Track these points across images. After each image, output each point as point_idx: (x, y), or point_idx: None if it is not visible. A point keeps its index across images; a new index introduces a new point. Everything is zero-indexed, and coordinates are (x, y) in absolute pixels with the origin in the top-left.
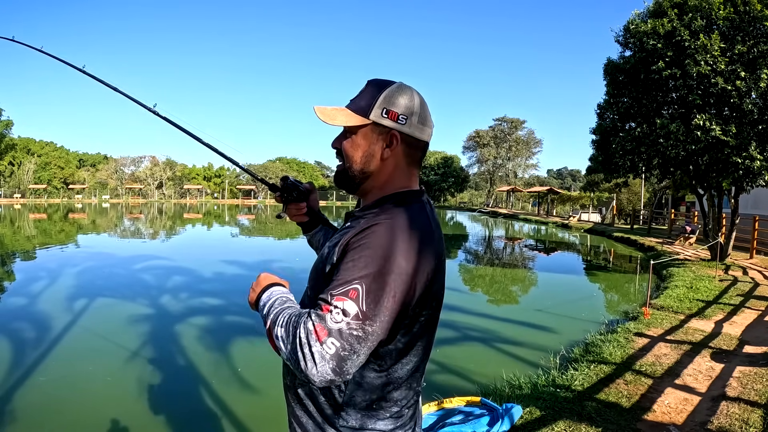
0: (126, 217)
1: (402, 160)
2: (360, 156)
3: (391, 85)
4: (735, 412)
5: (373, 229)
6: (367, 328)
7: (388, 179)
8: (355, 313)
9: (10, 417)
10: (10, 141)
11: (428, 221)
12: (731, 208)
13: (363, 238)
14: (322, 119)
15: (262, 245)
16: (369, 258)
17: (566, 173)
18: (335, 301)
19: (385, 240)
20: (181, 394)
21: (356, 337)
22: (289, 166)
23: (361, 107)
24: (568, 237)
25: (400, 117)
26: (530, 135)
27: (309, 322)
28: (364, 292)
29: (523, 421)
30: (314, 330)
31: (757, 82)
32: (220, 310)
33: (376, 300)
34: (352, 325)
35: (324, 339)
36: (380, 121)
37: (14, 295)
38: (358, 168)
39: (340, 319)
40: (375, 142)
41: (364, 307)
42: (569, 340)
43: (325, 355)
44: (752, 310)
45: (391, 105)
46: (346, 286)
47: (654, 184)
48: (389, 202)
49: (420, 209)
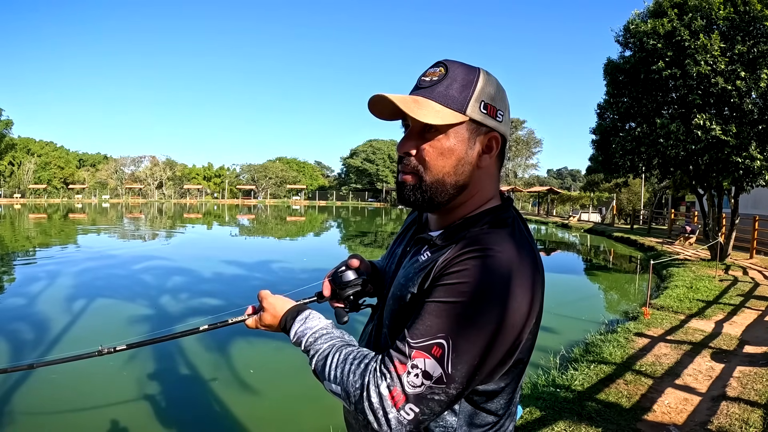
0: (126, 217)
1: (496, 167)
2: (453, 164)
3: (480, 71)
4: (735, 412)
5: (468, 264)
6: (450, 392)
7: (480, 192)
8: (438, 377)
9: (11, 417)
10: (10, 141)
11: (532, 247)
12: (731, 208)
13: (456, 274)
14: (406, 111)
15: (262, 245)
16: (461, 306)
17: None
18: (414, 359)
19: (484, 281)
20: (181, 394)
21: (437, 402)
22: (289, 166)
23: (452, 98)
24: (568, 237)
25: (498, 113)
26: (530, 135)
27: (382, 384)
28: (450, 350)
29: (523, 421)
30: (389, 395)
31: (757, 82)
32: (220, 310)
33: (465, 361)
34: (434, 390)
35: (401, 405)
36: (479, 118)
37: (14, 295)
38: (450, 181)
39: (419, 383)
40: (471, 145)
41: (449, 369)
42: (569, 340)
43: (403, 420)
44: (752, 310)
45: (488, 97)
46: (428, 339)
47: (654, 184)
48: (484, 222)
49: (520, 230)
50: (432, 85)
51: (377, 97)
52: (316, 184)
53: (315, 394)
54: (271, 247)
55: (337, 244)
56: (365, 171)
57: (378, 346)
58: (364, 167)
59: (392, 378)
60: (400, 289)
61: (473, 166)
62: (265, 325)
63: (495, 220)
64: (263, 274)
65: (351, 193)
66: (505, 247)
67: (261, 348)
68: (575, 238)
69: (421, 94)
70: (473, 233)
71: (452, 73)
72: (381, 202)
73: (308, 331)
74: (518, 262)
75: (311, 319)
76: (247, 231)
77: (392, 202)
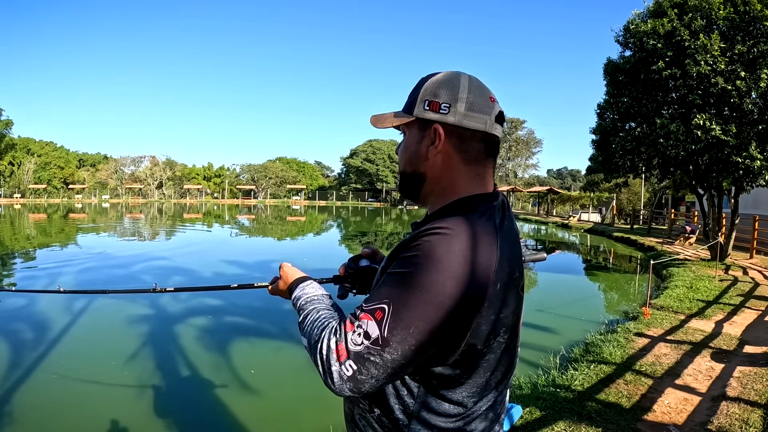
0: (126, 217)
1: (454, 157)
2: (407, 158)
3: (432, 75)
4: (735, 412)
5: (420, 240)
6: (386, 356)
7: (447, 183)
8: (375, 338)
9: (11, 417)
10: (10, 141)
11: (493, 232)
12: (731, 208)
13: (409, 250)
14: (373, 124)
15: (262, 245)
16: (407, 276)
17: (566, 173)
18: (361, 320)
19: (431, 256)
20: (182, 394)
21: (373, 363)
22: (289, 165)
23: (407, 105)
24: (568, 237)
25: (442, 106)
26: (530, 135)
27: (333, 339)
28: (389, 314)
29: (523, 421)
30: (335, 349)
31: (757, 82)
32: (220, 310)
33: (401, 326)
34: (371, 350)
35: (343, 360)
36: (423, 115)
37: (14, 295)
38: (408, 171)
39: (359, 342)
40: (420, 140)
41: (386, 332)
42: (569, 340)
43: (343, 375)
44: (752, 310)
45: (433, 95)
46: (375, 303)
47: (654, 184)
48: (448, 211)
49: (487, 217)
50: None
51: (371, 119)
52: (316, 184)
53: (315, 395)
54: (271, 248)
55: (337, 244)
56: (365, 171)
57: None
58: (364, 167)
59: (341, 334)
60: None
61: (423, 158)
62: (278, 291)
63: (459, 208)
64: (263, 273)
65: (351, 193)
66: (462, 228)
67: (261, 348)
68: (575, 238)
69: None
70: (440, 219)
71: (416, 85)
72: (381, 202)
73: (303, 296)
74: (473, 243)
75: (309, 286)
76: (248, 231)
77: (392, 202)
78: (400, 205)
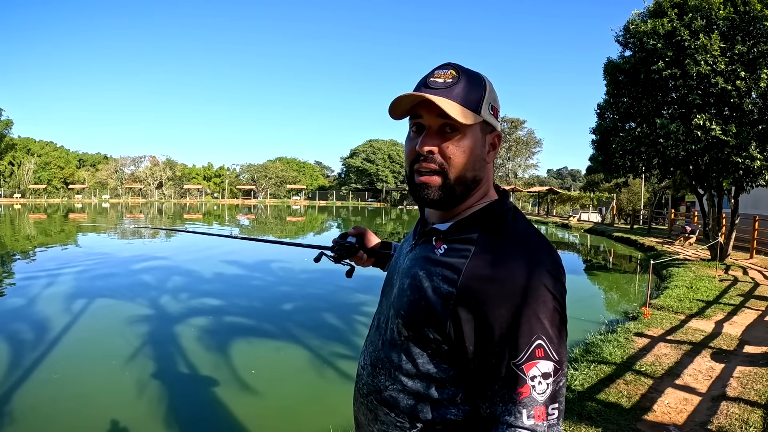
0: (126, 217)
1: (493, 163)
2: (472, 161)
3: (484, 76)
4: (735, 412)
5: (506, 269)
6: (565, 370)
7: (486, 187)
8: (554, 368)
9: (12, 417)
10: (10, 141)
11: (536, 229)
12: (731, 208)
13: (502, 282)
14: (443, 106)
15: (262, 245)
16: (531, 304)
17: (566, 173)
18: (528, 372)
19: (530, 276)
20: (182, 394)
21: (563, 386)
22: (289, 165)
23: (470, 100)
24: (568, 237)
25: (498, 115)
26: (530, 135)
27: (518, 424)
28: (548, 342)
29: None
30: (535, 419)
31: (757, 82)
32: (220, 310)
33: (560, 341)
34: (558, 380)
35: (547, 416)
36: (489, 119)
37: (14, 295)
38: (470, 176)
39: (545, 386)
40: (483, 143)
41: (556, 356)
42: (569, 340)
43: (554, 423)
44: (752, 310)
45: (494, 100)
46: (527, 348)
47: (654, 184)
48: (479, 221)
49: (522, 218)
50: (447, 87)
51: (405, 96)
52: (316, 184)
53: (315, 395)
54: (271, 248)
55: None
56: (365, 171)
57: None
58: (364, 167)
59: (523, 406)
60: (415, 277)
61: (486, 162)
62: None
63: (503, 211)
64: (263, 273)
65: (351, 193)
66: (527, 235)
67: (262, 348)
68: (575, 238)
69: (437, 94)
70: (496, 226)
71: (464, 76)
72: (381, 202)
73: None
74: (541, 244)
75: None
76: (248, 231)
77: (392, 202)
78: (400, 205)
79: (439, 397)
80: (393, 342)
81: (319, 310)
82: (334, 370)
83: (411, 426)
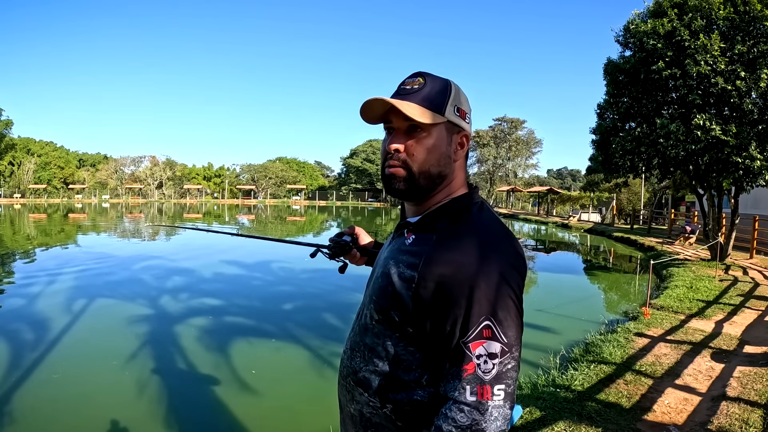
0: (126, 217)
1: (464, 161)
2: (436, 158)
3: (451, 81)
4: (735, 412)
5: (462, 254)
6: (515, 354)
7: (452, 182)
8: (501, 350)
9: (12, 417)
10: (10, 141)
11: (500, 221)
12: (731, 208)
13: (457, 265)
14: (403, 110)
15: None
16: (482, 286)
17: (566, 173)
18: (475, 350)
19: (483, 260)
20: (182, 394)
21: (512, 370)
22: (289, 165)
23: (434, 103)
24: (568, 237)
25: (467, 116)
26: (530, 135)
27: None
28: (496, 324)
29: (523, 421)
30: (478, 396)
31: (757, 82)
32: (220, 310)
33: (510, 325)
34: (506, 362)
35: (492, 396)
36: (454, 119)
37: (14, 295)
38: (434, 172)
39: (491, 366)
40: (449, 142)
41: (504, 338)
42: (569, 340)
43: (500, 405)
44: (752, 310)
45: (460, 103)
46: (476, 327)
47: (654, 184)
48: (446, 213)
49: (487, 210)
50: (414, 92)
51: (373, 100)
52: (316, 184)
53: (316, 395)
54: (271, 247)
55: None
56: (365, 171)
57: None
58: (364, 167)
59: (467, 383)
60: (386, 266)
61: (451, 160)
62: None
63: (467, 204)
64: (263, 273)
65: (351, 193)
66: (487, 226)
67: (262, 348)
68: (575, 238)
69: (403, 99)
70: (459, 218)
71: (430, 83)
72: (381, 202)
73: None
74: (499, 233)
75: None
76: (248, 231)
77: (392, 202)
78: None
79: (406, 379)
80: (366, 326)
81: (319, 310)
82: (334, 370)
83: (381, 406)
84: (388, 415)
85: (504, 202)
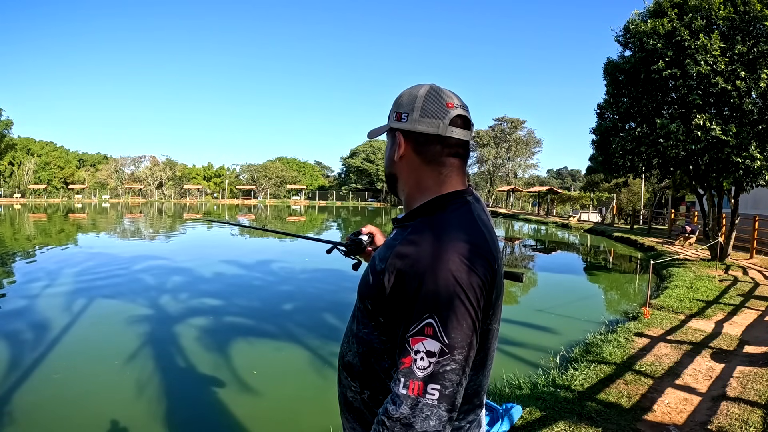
0: (126, 217)
1: (415, 159)
2: (386, 161)
3: (403, 92)
4: (735, 412)
5: (418, 249)
6: (457, 357)
7: (414, 183)
8: (440, 350)
9: (13, 417)
10: (10, 141)
11: (475, 222)
12: (731, 208)
13: (412, 260)
14: (370, 138)
15: (262, 245)
16: (429, 283)
17: (566, 173)
18: (414, 346)
19: (436, 258)
20: (183, 394)
21: (451, 372)
22: (289, 165)
23: (388, 117)
24: (568, 237)
25: (403, 115)
26: (530, 135)
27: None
28: (439, 323)
29: (523, 422)
30: (408, 390)
31: (757, 82)
32: (220, 310)
33: (454, 326)
34: (443, 362)
35: (424, 393)
36: (392, 124)
37: (14, 295)
38: (386, 173)
39: (427, 364)
40: (391, 146)
41: (446, 339)
42: (569, 340)
43: (433, 404)
44: (752, 310)
45: (398, 106)
46: (418, 324)
47: (654, 184)
48: (425, 212)
49: (464, 211)
50: None
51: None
52: (316, 184)
53: (316, 395)
54: (271, 247)
55: None
56: (365, 171)
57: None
58: (364, 167)
59: (403, 376)
60: (372, 258)
61: (393, 161)
62: None
63: (435, 207)
64: (264, 274)
65: (351, 193)
66: (444, 228)
67: (262, 348)
68: (575, 238)
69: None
70: (421, 221)
71: None
72: (381, 202)
73: None
74: (456, 236)
75: None
76: (248, 231)
77: (392, 202)
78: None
79: (377, 368)
80: (353, 314)
81: (319, 310)
82: (334, 370)
83: (361, 391)
84: (366, 401)
85: (504, 202)
